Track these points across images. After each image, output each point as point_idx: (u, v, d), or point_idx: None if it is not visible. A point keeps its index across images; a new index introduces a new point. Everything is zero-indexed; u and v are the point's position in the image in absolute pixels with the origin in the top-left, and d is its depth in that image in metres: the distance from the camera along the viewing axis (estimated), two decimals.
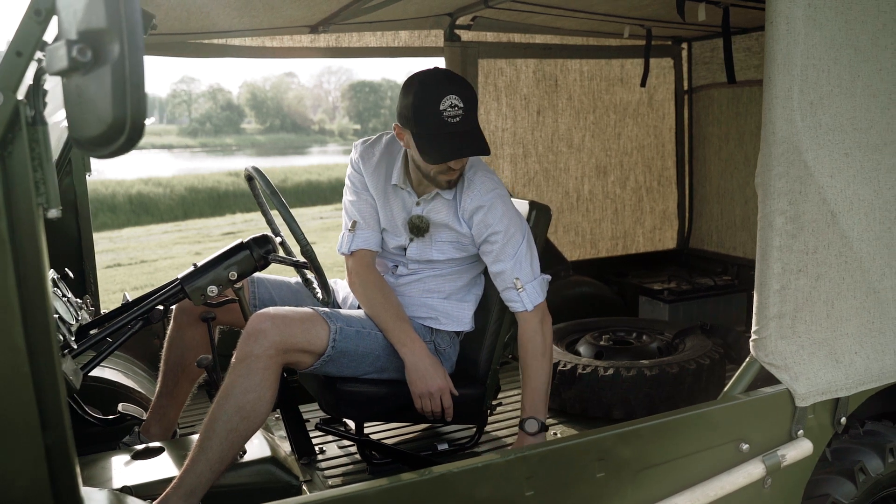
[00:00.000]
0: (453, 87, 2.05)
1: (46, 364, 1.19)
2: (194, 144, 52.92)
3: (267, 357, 1.90)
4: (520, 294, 2.15)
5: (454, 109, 2.04)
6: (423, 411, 2.15)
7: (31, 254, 1.15)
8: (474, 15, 3.25)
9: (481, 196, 2.16)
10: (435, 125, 2.04)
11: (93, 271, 2.78)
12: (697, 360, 2.59)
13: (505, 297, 2.19)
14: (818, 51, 1.84)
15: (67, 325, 1.97)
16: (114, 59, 0.97)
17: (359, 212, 2.29)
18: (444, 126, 2.03)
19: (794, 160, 1.83)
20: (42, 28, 1.11)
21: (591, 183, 3.87)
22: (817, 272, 1.92)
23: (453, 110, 2.04)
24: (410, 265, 2.31)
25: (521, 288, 2.14)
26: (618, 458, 1.67)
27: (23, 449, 1.20)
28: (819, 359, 1.93)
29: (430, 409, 2.15)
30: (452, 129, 2.04)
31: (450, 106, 2.03)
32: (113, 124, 0.98)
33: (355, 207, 2.29)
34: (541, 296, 2.17)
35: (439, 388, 2.13)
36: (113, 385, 2.45)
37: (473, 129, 2.07)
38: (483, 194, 2.16)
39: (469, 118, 2.06)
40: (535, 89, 3.64)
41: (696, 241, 4.08)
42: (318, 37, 3.14)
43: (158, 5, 2.25)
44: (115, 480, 1.94)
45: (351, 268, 2.28)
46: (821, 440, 1.97)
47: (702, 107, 3.95)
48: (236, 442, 1.86)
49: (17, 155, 1.12)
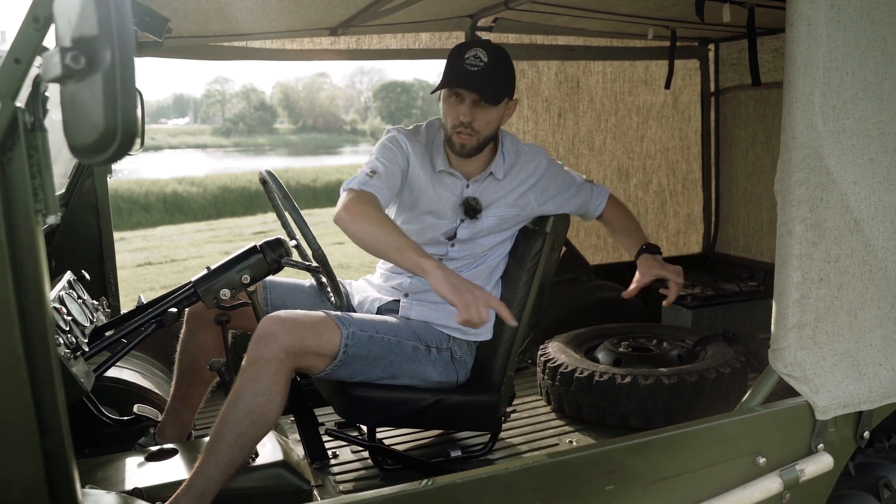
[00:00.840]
0: (484, 45, 2.16)
1: (45, 369, 1.19)
2: (227, 144, 53.55)
3: (277, 361, 1.89)
4: (595, 185, 2.48)
5: (476, 59, 2.12)
6: (469, 323, 1.87)
7: (30, 260, 1.15)
8: (496, 16, 3.22)
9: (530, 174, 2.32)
10: (453, 69, 2.14)
11: (113, 272, 2.81)
12: (718, 368, 2.53)
13: (587, 208, 2.46)
14: (842, 53, 1.78)
15: (81, 327, 1.99)
16: (105, 66, 0.97)
17: (386, 171, 2.16)
18: (461, 70, 2.12)
19: (815, 166, 1.77)
20: (40, 35, 1.12)
21: (612, 186, 3.82)
22: (840, 281, 1.86)
23: (475, 60, 2.12)
24: (451, 253, 2.29)
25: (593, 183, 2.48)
26: (628, 471, 1.63)
27: (22, 452, 1.21)
28: (841, 370, 1.87)
29: (478, 316, 1.86)
30: (466, 73, 2.11)
31: (473, 56, 2.13)
32: (105, 132, 0.98)
33: (384, 166, 2.17)
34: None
35: (479, 288, 1.90)
36: (129, 386, 2.47)
37: (486, 78, 2.12)
38: (532, 172, 2.32)
39: (488, 72, 2.11)
40: (557, 91, 3.60)
41: (722, 246, 4.00)
42: (339, 39, 3.13)
43: (175, 10, 2.26)
44: (127, 481, 1.95)
45: (347, 202, 2.06)
46: (842, 454, 1.91)
47: (729, 109, 3.87)
48: (246, 445, 1.86)
49: (15, 161, 1.12)
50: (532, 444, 2.48)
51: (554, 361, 2.69)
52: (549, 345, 2.85)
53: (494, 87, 2.15)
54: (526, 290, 2.26)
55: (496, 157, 2.31)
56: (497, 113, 2.21)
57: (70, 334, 1.87)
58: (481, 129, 2.19)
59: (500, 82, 2.17)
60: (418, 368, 2.17)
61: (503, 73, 2.18)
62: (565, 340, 2.89)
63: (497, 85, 2.16)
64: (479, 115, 2.17)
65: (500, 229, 2.32)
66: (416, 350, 2.18)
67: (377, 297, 2.35)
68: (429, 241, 2.30)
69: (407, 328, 2.19)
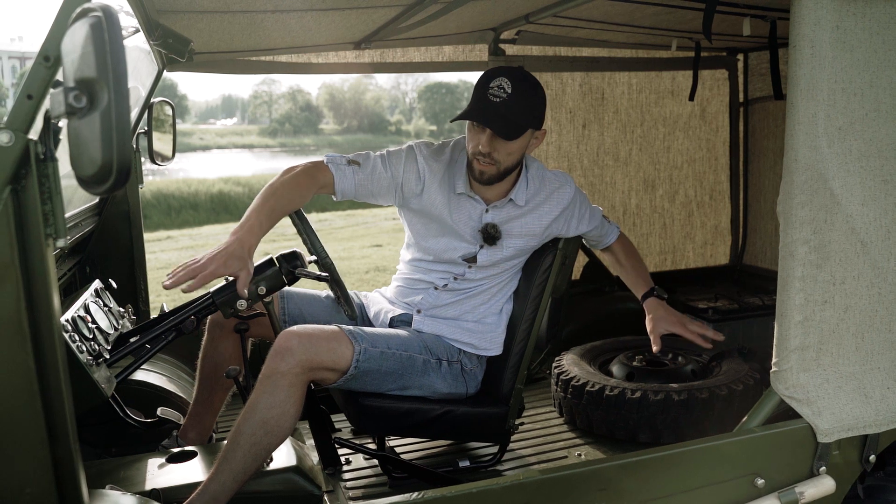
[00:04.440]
0: (511, 74, 2.11)
1: (54, 381, 1.28)
2: (274, 144, 54.40)
3: (292, 375, 1.95)
4: (610, 223, 2.47)
5: (499, 90, 2.09)
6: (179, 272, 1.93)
7: (41, 280, 1.24)
8: (518, 29, 3.25)
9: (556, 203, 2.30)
10: (477, 98, 2.11)
11: (143, 278, 2.92)
12: (730, 385, 2.52)
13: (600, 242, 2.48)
14: (848, 74, 1.77)
15: (105, 334, 2.09)
16: (103, 106, 1.04)
17: (372, 172, 2.20)
18: (483, 100, 2.09)
19: (818, 188, 1.77)
20: (51, 73, 1.20)
21: (638, 197, 3.81)
22: (845, 303, 1.85)
23: (499, 90, 2.09)
24: (468, 275, 2.30)
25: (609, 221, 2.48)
26: (620, 489, 1.65)
27: (32, 459, 1.29)
28: (846, 393, 1.86)
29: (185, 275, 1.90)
30: (487, 104, 2.09)
31: (497, 86, 2.09)
32: (102, 166, 1.06)
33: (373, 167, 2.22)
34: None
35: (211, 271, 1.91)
36: (155, 389, 2.57)
37: (508, 112, 2.08)
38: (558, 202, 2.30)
39: (511, 103, 2.08)
40: (581, 102, 3.61)
41: (749, 258, 3.96)
42: (363, 52, 3.20)
43: (200, 30, 2.35)
44: (147, 482, 2.04)
45: (303, 167, 2.16)
46: (846, 478, 1.90)
47: (758, 120, 3.83)
48: (259, 455, 1.92)
49: (28, 189, 1.21)
50: (541, 455, 2.50)
51: (567, 374, 2.71)
52: (564, 357, 2.87)
53: (512, 122, 2.09)
54: (536, 304, 2.28)
55: (518, 183, 2.28)
56: (518, 144, 2.16)
57: (93, 341, 1.97)
58: (502, 160, 2.16)
59: (522, 115, 2.10)
60: (428, 380, 2.22)
61: (527, 104, 2.11)
62: (581, 353, 2.90)
63: (516, 119, 2.10)
64: (500, 146, 2.13)
65: (520, 256, 2.33)
66: (427, 363, 2.22)
67: (390, 309, 2.40)
68: (447, 260, 2.32)
69: (418, 341, 2.24)
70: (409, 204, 2.29)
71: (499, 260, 2.30)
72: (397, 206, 2.35)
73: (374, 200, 2.27)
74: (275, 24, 2.38)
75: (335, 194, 2.21)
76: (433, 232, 2.31)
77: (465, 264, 2.31)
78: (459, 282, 2.32)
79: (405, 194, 2.27)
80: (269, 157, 44.45)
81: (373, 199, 2.26)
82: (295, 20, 2.37)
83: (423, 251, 2.36)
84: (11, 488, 1.28)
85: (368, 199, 2.26)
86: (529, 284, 2.30)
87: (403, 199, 2.28)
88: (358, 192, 2.21)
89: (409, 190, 2.26)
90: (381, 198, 2.27)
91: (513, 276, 2.37)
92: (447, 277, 2.33)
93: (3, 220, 1.20)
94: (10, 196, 1.20)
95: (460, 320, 2.31)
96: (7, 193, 1.20)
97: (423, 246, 2.35)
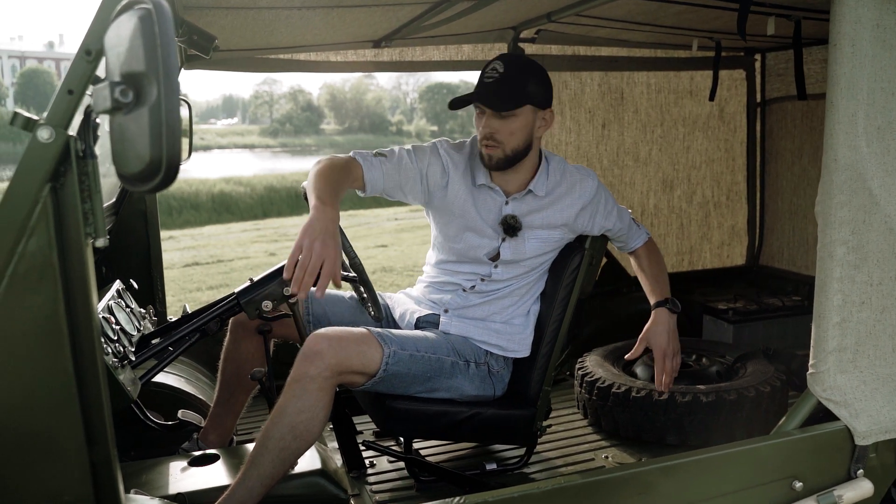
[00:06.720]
0: (504, 57, 2.17)
1: (93, 383, 1.25)
2: (275, 144, 54.42)
3: (322, 379, 1.92)
4: (639, 227, 2.43)
5: (493, 72, 2.15)
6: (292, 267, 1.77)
7: (80, 280, 1.21)
8: (538, 28, 3.22)
9: (578, 196, 2.28)
10: (476, 86, 2.18)
11: (160, 279, 2.89)
12: (757, 386, 2.50)
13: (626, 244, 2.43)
14: (888, 73, 1.75)
15: (129, 336, 2.06)
16: (152, 101, 1.01)
17: (399, 163, 2.20)
18: (479, 84, 2.17)
19: (857, 188, 1.74)
20: (92, 67, 1.17)
21: (656, 197, 3.78)
22: (882, 304, 1.83)
23: (492, 72, 2.15)
24: (494, 275, 2.28)
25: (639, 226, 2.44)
26: (659, 493, 1.63)
27: (71, 464, 1.26)
28: (883, 395, 1.84)
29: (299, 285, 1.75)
30: (481, 86, 2.15)
31: (490, 69, 2.15)
32: (150, 163, 1.02)
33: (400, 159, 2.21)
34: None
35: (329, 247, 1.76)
36: (175, 391, 2.55)
37: (499, 88, 2.13)
38: (580, 194, 2.28)
39: (502, 81, 2.12)
40: (601, 102, 3.59)
41: (766, 259, 3.94)
42: (382, 51, 3.17)
43: (223, 27, 2.32)
44: (171, 486, 2.01)
45: (331, 157, 2.14)
46: (884, 481, 1.87)
47: (775, 120, 3.80)
48: (287, 459, 1.90)
49: (68, 186, 1.18)
50: (567, 458, 2.48)
51: (591, 376, 2.68)
52: (587, 358, 2.84)
53: (503, 96, 2.11)
54: (563, 305, 2.26)
55: (538, 174, 2.27)
56: (519, 123, 2.15)
57: (118, 343, 1.94)
58: (505, 140, 2.15)
59: (513, 89, 2.12)
60: (456, 383, 2.20)
61: (519, 81, 2.13)
62: (603, 354, 2.88)
63: (507, 93, 2.11)
64: (499, 125, 2.14)
65: (544, 251, 2.30)
66: (455, 365, 2.19)
67: (416, 309, 2.38)
68: (472, 260, 2.30)
69: (446, 343, 2.22)
70: (433, 198, 2.28)
71: (522, 255, 2.27)
72: (423, 204, 2.32)
73: (402, 194, 2.24)
74: (299, 20, 2.36)
75: (364, 187, 2.18)
76: (457, 228, 2.29)
77: (490, 263, 2.28)
78: (487, 283, 2.29)
79: (430, 187, 2.25)
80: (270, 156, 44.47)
81: (400, 192, 2.23)
82: (320, 17, 2.34)
83: (448, 252, 2.34)
84: (49, 494, 1.25)
85: (396, 193, 2.23)
86: (557, 285, 2.28)
87: (429, 192, 2.26)
88: (386, 183, 2.19)
89: (434, 182, 2.25)
90: (409, 190, 2.24)
91: (540, 276, 2.35)
92: (474, 279, 2.30)
93: (43, 219, 1.18)
94: (50, 194, 1.18)
95: (488, 321, 2.29)
96: (47, 191, 1.17)
97: (448, 246, 2.32)
